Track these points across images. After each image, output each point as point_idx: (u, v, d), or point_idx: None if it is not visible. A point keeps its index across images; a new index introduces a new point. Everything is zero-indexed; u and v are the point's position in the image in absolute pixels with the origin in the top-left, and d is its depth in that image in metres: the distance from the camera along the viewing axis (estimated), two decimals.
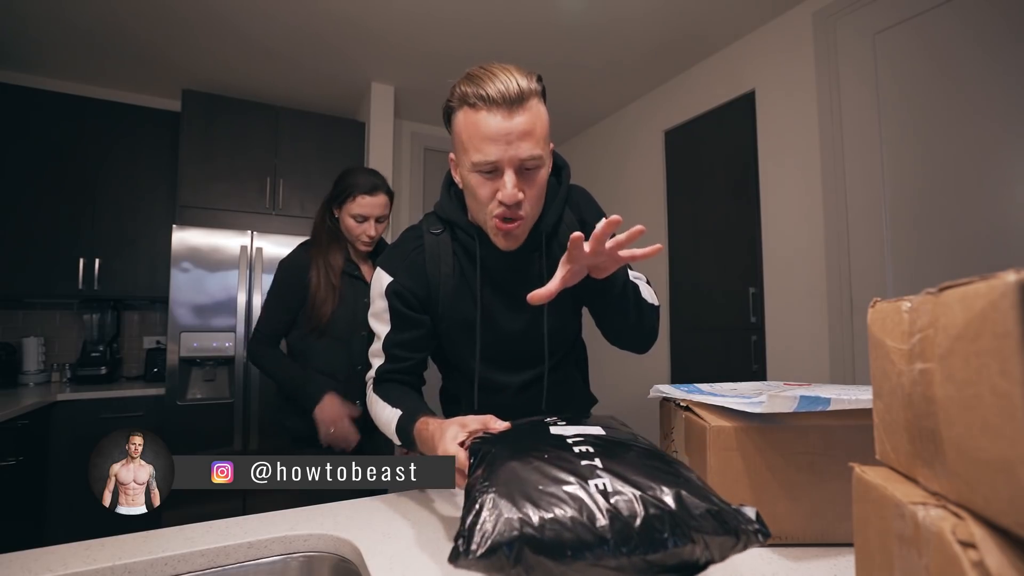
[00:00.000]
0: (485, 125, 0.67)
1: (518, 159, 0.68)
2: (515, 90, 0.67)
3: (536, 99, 0.70)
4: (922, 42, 1.71)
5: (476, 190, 0.72)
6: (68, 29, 2.24)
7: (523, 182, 0.71)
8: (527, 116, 0.68)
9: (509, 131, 0.67)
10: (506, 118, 0.67)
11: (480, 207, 0.74)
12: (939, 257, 1.66)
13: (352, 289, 1.38)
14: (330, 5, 2.10)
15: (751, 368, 2.23)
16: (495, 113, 0.67)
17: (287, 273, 1.36)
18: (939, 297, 0.29)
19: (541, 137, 0.70)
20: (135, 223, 2.56)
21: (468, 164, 0.71)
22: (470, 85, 0.69)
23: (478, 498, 0.43)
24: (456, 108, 0.72)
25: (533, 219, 0.77)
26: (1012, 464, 0.23)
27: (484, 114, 0.68)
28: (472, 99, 0.68)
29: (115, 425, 2.28)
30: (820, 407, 0.57)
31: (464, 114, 0.70)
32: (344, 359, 1.36)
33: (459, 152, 0.73)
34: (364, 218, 1.35)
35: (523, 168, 0.70)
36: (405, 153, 3.24)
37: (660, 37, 2.34)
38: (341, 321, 1.34)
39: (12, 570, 0.56)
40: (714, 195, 2.50)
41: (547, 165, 0.74)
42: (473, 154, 0.69)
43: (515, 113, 0.67)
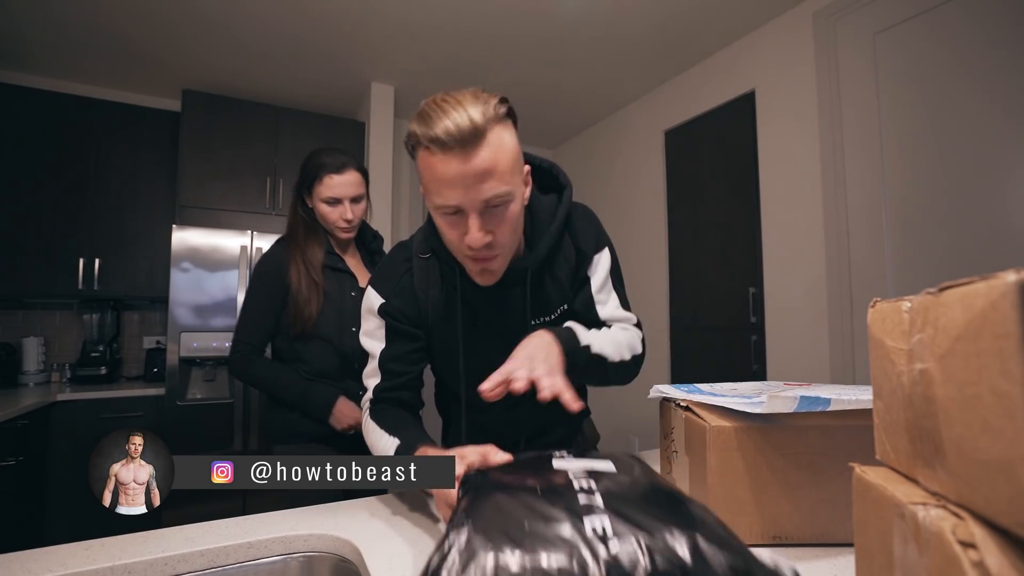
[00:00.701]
0: (441, 170, 0.62)
1: (480, 201, 0.64)
2: (467, 127, 0.60)
3: (497, 127, 0.64)
4: (922, 42, 1.71)
5: (445, 232, 0.70)
6: (68, 29, 2.24)
7: (491, 221, 0.66)
8: (486, 152, 0.62)
9: (466, 174, 0.62)
10: (462, 161, 0.61)
11: (452, 248, 0.72)
12: (939, 257, 1.66)
13: (337, 283, 1.27)
14: (330, 5, 2.10)
15: (751, 368, 2.23)
16: (449, 157, 0.61)
17: (264, 274, 1.24)
18: (939, 297, 0.29)
19: (506, 170, 0.64)
20: (135, 223, 2.56)
21: (432, 206, 0.68)
22: (421, 125, 0.63)
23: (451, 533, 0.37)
24: (415, 147, 0.66)
25: (511, 250, 0.72)
26: (1012, 464, 0.23)
27: (440, 157, 0.62)
28: (424, 141, 0.63)
29: (115, 425, 2.29)
30: (820, 407, 0.57)
31: (421, 155, 0.65)
32: (336, 359, 1.25)
33: (425, 191, 0.69)
34: (337, 200, 1.23)
35: (488, 208, 0.65)
36: (405, 153, 3.23)
37: (660, 37, 2.34)
38: (329, 319, 1.24)
39: (12, 570, 0.56)
40: (714, 195, 2.50)
41: (518, 197, 0.69)
42: (434, 198, 0.66)
43: (471, 153, 0.61)
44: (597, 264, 0.84)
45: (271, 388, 1.24)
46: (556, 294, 0.83)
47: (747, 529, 0.61)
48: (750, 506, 0.61)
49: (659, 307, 2.75)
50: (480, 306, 0.81)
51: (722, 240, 2.44)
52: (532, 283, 0.79)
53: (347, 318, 1.25)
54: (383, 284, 0.82)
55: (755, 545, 0.60)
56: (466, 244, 0.67)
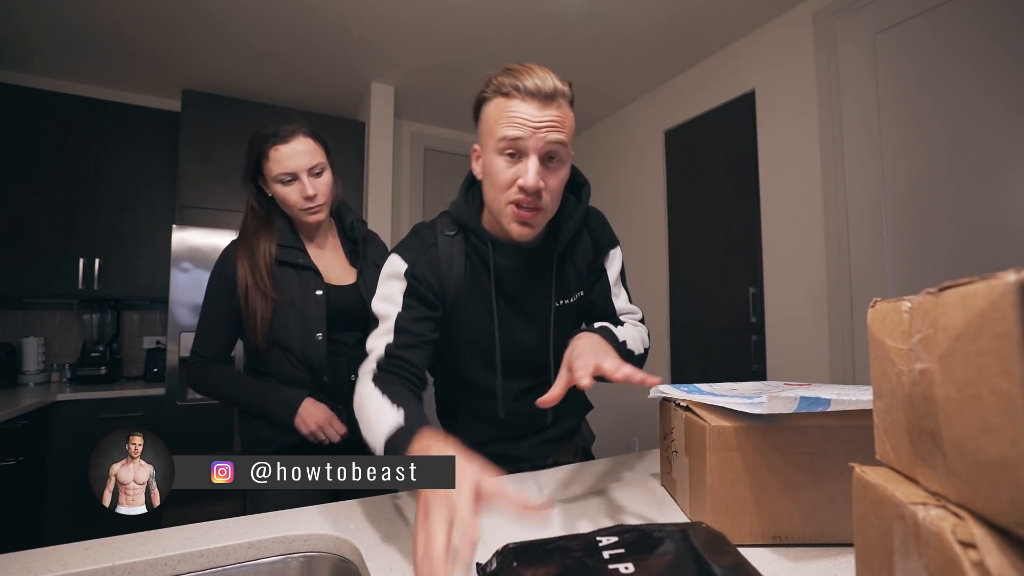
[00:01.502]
0: (517, 110, 0.70)
1: (544, 144, 0.70)
2: (550, 86, 0.70)
3: (566, 101, 0.73)
4: (922, 42, 1.71)
5: (497, 174, 0.72)
6: (68, 29, 2.24)
7: (546, 173, 0.72)
8: (557, 111, 0.71)
9: (539, 119, 0.69)
10: (538, 108, 0.70)
11: (498, 192, 0.73)
12: (939, 257, 1.66)
13: (297, 282, 1.07)
14: (330, 5, 2.10)
15: (751, 368, 2.23)
16: (528, 102, 0.70)
17: (214, 278, 1.09)
18: (939, 297, 0.29)
19: (566, 132, 0.72)
20: (135, 223, 2.56)
21: (493, 144, 0.72)
22: (507, 76, 0.71)
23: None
24: (489, 98, 0.73)
25: (550, 214, 0.77)
26: (1012, 464, 0.23)
27: (517, 101, 0.70)
28: (507, 88, 0.71)
29: (115, 425, 2.28)
30: (820, 408, 0.57)
31: (497, 101, 0.72)
32: (300, 371, 1.08)
33: (485, 136, 0.74)
34: (291, 176, 1.04)
35: (547, 157, 0.72)
36: (405, 153, 3.24)
37: (660, 37, 2.34)
38: (287, 325, 1.06)
39: (12, 570, 0.56)
40: (714, 195, 2.50)
41: (567, 164, 0.75)
42: (500, 131, 0.70)
43: (547, 106, 0.70)
44: (613, 259, 0.91)
45: (228, 396, 1.10)
46: (575, 279, 0.88)
47: (747, 529, 0.61)
48: (750, 506, 0.61)
49: (659, 307, 2.75)
50: (508, 282, 0.83)
51: (722, 240, 2.44)
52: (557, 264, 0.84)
53: (310, 323, 1.07)
54: (408, 252, 0.82)
55: (755, 545, 0.61)
56: (519, 185, 0.71)
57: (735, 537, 0.60)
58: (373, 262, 1.16)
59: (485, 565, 0.47)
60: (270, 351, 1.08)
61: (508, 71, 0.72)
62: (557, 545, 0.46)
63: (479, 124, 0.76)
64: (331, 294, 1.10)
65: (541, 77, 0.70)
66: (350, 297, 1.12)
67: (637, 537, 0.45)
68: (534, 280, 0.84)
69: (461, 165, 3.46)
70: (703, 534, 0.46)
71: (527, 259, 0.82)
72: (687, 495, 0.71)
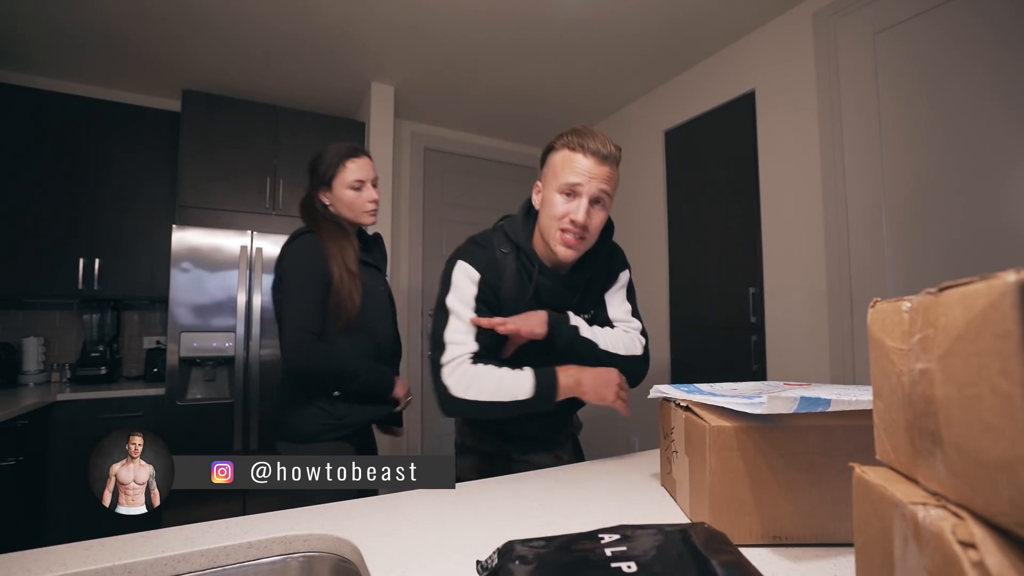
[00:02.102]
0: (580, 162, 0.92)
1: (595, 190, 0.92)
2: (607, 151, 0.93)
3: (615, 163, 0.95)
4: (922, 42, 1.71)
5: (555, 207, 0.94)
6: (68, 29, 2.24)
7: (592, 211, 0.94)
8: (609, 170, 0.93)
9: (595, 173, 0.92)
10: (597, 164, 0.92)
11: (553, 221, 0.95)
12: (939, 257, 1.66)
13: (369, 276, 1.29)
14: (330, 6, 2.10)
15: (751, 368, 2.23)
16: (589, 158, 0.92)
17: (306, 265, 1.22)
18: (939, 297, 0.29)
19: (612, 188, 0.95)
20: (135, 223, 2.56)
21: (556, 185, 0.94)
22: (576, 136, 0.93)
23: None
24: (558, 148, 0.95)
25: (590, 243, 0.98)
26: (1012, 464, 0.23)
27: (581, 156, 0.92)
28: (574, 144, 0.93)
29: (115, 425, 2.29)
30: (820, 408, 0.57)
31: (564, 153, 0.94)
32: (372, 350, 1.28)
33: (549, 178, 0.96)
34: (361, 183, 1.28)
35: (594, 200, 0.93)
36: (405, 153, 3.24)
37: (660, 37, 2.34)
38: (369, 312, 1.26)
39: (12, 570, 0.56)
40: (714, 195, 2.50)
41: (609, 208, 0.97)
42: (564, 177, 0.93)
43: (602, 164, 0.92)
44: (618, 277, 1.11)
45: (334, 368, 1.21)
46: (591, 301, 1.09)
47: (747, 529, 0.61)
48: (750, 506, 0.61)
49: (659, 307, 2.75)
50: (544, 296, 1.02)
51: (722, 240, 2.44)
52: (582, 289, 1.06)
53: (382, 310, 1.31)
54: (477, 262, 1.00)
55: (755, 545, 0.61)
56: (570, 219, 0.93)
57: (735, 537, 0.60)
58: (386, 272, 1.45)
59: (486, 562, 0.47)
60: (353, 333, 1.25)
61: (577, 132, 0.94)
62: (559, 543, 0.46)
63: (545, 167, 0.99)
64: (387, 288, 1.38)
65: (602, 142, 0.92)
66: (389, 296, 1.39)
67: (639, 536, 0.45)
68: (564, 298, 1.03)
69: (461, 165, 3.46)
70: (704, 534, 0.46)
71: (561, 281, 1.02)
72: (687, 495, 0.71)
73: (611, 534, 0.46)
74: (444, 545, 0.63)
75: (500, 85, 2.79)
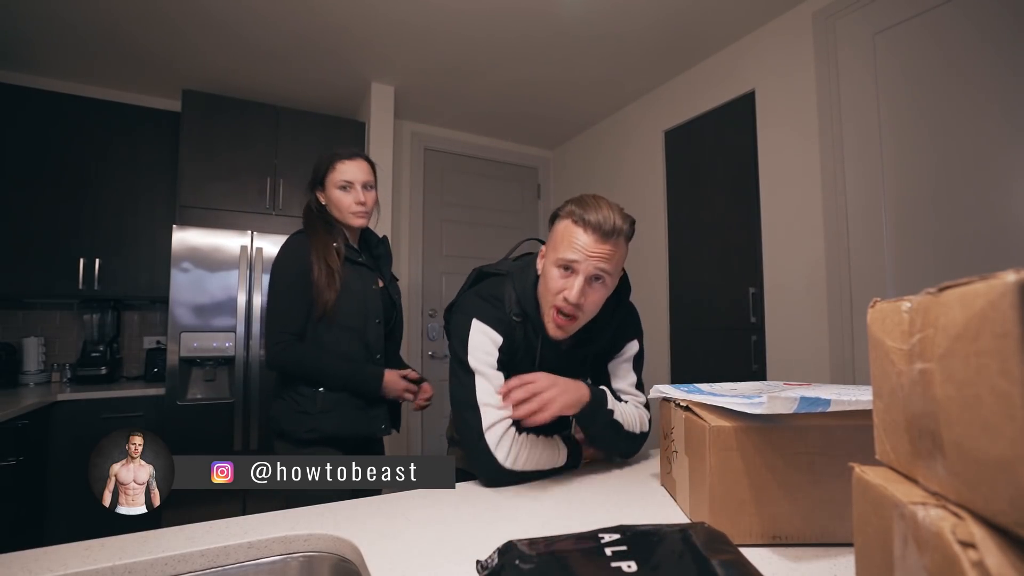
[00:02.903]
0: (579, 238, 0.85)
1: (592, 268, 0.85)
2: (610, 226, 0.84)
3: (623, 238, 0.87)
4: (922, 42, 1.71)
5: (551, 281, 0.88)
6: (68, 29, 2.24)
7: (589, 289, 0.87)
8: (611, 246, 0.85)
9: (594, 251, 0.84)
10: (597, 241, 0.84)
11: (549, 294, 0.90)
12: (939, 257, 1.66)
13: (358, 276, 1.31)
14: (330, 6, 2.10)
15: (751, 368, 2.23)
16: (589, 234, 0.84)
17: (291, 262, 1.26)
18: (939, 297, 0.29)
19: (616, 264, 0.87)
20: (135, 223, 2.56)
21: (554, 258, 0.88)
22: (580, 207, 0.86)
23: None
24: (562, 217, 0.89)
25: (584, 321, 0.91)
26: (1012, 464, 0.23)
27: (581, 231, 0.85)
28: (576, 217, 0.86)
29: (115, 425, 2.28)
30: (820, 408, 0.57)
31: (567, 223, 0.87)
32: (361, 348, 1.29)
33: (551, 248, 0.90)
34: (349, 184, 1.30)
35: (592, 278, 0.86)
36: (405, 153, 3.24)
37: (660, 37, 2.34)
38: (352, 310, 1.28)
39: (12, 570, 0.56)
40: (714, 195, 2.50)
41: (610, 286, 0.90)
42: (561, 252, 0.86)
43: (604, 240, 0.84)
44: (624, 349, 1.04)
45: (318, 369, 1.23)
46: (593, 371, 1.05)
47: (747, 529, 0.61)
48: (750, 506, 0.61)
49: (659, 307, 2.75)
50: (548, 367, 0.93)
51: (722, 240, 2.44)
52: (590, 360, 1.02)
53: (371, 309, 1.30)
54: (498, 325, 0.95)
55: (755, 545, 0.61)
56: (563, 296, 0.86)
57: (735, 537, 0.60)
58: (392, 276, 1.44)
59: (486, 562, 0.47)
60: (336, 329, 1.26)
61: (581, 201, 0.87)
62: (559, 543, 0.46)
63: (550, 234, 0.93)
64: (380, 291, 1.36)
65: (606, 216, 0.84)
66: (386, 297, 1.37)
67: (639, 536, 0.45)
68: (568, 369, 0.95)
69: (461, 165, 3.46)
70: (704, 534, 0.46)
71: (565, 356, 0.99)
72: (687, 495, 0.71)
73: (611, 534, 0.46)
74: (444, 545, 0.63)
75: (500, 85, 2.79)
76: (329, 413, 1.24)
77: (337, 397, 1.25)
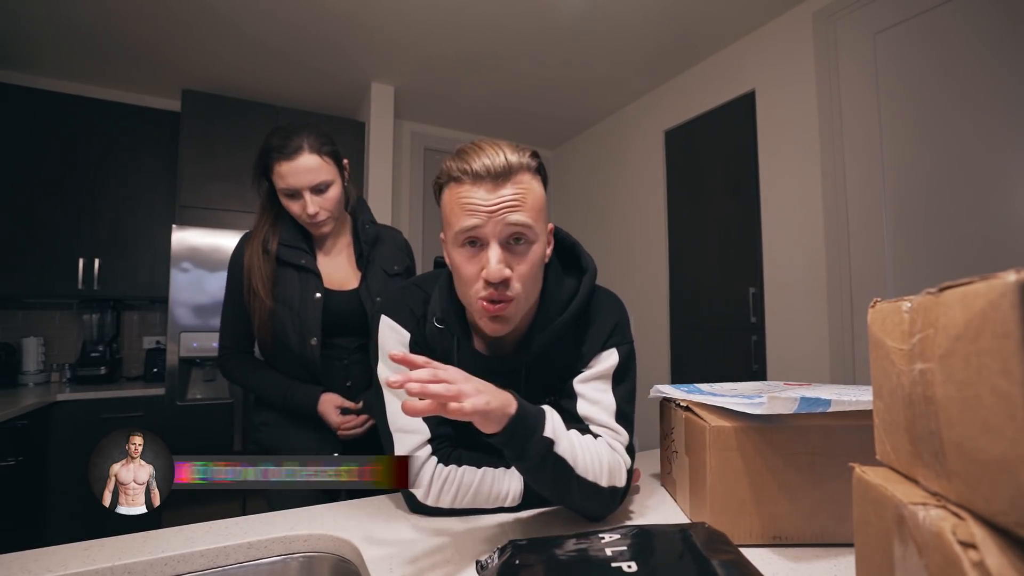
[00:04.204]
0: (468, 197, 0.64)
1: (503, 228, 0.63)
2: (501, 164, 0.63)
3: (528, 174, 0.66)
4: (922, 42, 1.71)
5: (461, 268, 0.66)
6: (68, 29, 2.24)
7: (511, 258, 0.65)
8: (514, 189, 0.64)
9: (492, 203, 0.63)
10: (490, 190, 0.63)
11: (466, 288, 0.67)
12: (939, 257, 1.66)
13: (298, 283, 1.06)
14: (330, 5, 2.10)
15: (751, 368, 2.23)
16: (479, 186, 0.63)
17: (230, 270, 1.11)
18: (939, 297, 0.29)
19: (532, 209, 0.65)
20: (135, 223, 2.56)
21: (452, 237, 0.66)
22: (456, 160, 0.66)
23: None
24: (444, 184, 0.68)
25: (526, 300, 0.68)
26: (1012, 464, 0.23)
27: (468, 187, 0.64)
28: (456, 173, 0.65)
29: (115, 425, 2.27)
30: (820, 408, 0.57)
31: (450, 189, 0.66)
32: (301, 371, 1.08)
33: (446, 228, 0.68)
34: (293, 192, 1.01)
35: (510, 241, 0.65)
36: (405, 153, 3.24)
37: (660, 37, 2.34)
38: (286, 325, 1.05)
39: (12, 570, 0.56)
40: (714, 195, 2.50)
41: (541, 241, 0.67)
42: (455, 224, 0.65)
43: (501, 184, 0.63)
44: (604, 357, 0.75)
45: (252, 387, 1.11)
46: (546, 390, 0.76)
47: (747, 529, 0.61)
48: (750, 506, 0.61)
49: (659, 307, 2.75)
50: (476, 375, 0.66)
51: (722, 240, 2.44)
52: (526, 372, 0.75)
53: (306, 326, 1.05)
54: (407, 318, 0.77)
55: (755, 545, 0.61)
56: (483, 277, 0.64)
57: (735, 537, 0.60)
58: (381, 267, 1.15)
59: (486, 562, 0.47)
60: (274, 349, 1.09)
61: (458, 154, 0.66)
62: (559, 543, 0.46)
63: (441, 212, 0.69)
64: (330, 298, 1.08)
65: (491, 155, 0.64)
66: (351, 302, 1.10)
67: (640, 536, 0.45)
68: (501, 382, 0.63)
69: None
70: (704, 534, 0.46)
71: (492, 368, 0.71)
72: (687, 495, 0.71)
73: (611, 534, 0.46)
74: (444, 545, 0.63)
75: (500, 85, 2.79)
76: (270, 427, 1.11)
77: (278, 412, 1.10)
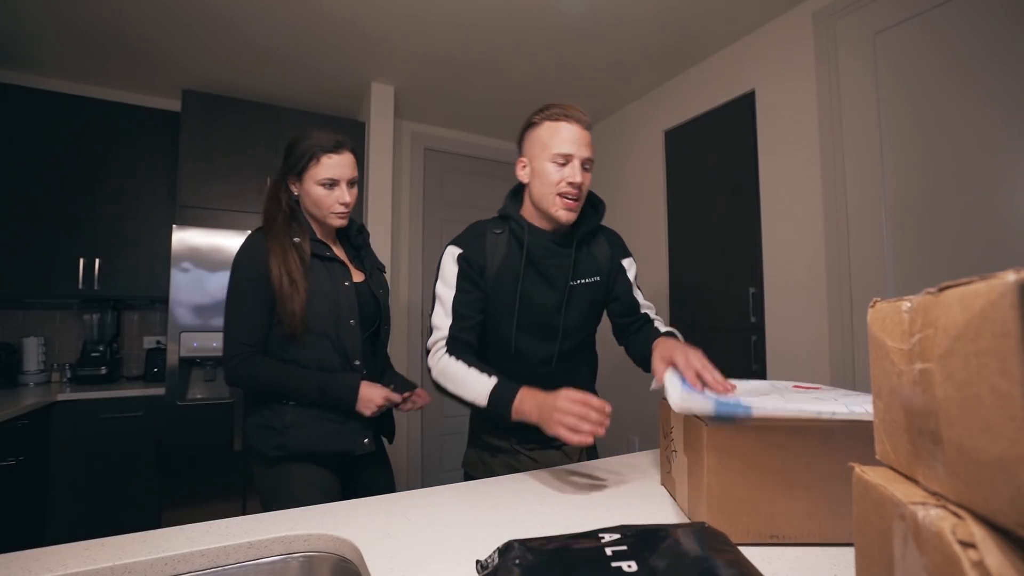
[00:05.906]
0: (567, 130, 1.00)
1: (584, 154, 1.00)
2: (586, 119, 1.02)
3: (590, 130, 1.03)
4: (922, 42, 1.71)
5: (549, 176, 1.00)
6: (68, 29, 2.24)
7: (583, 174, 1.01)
8: (590, 136, 1.02)
9: (580, 139, 1.00)
10: (581, 130, 1.00)
11: (549, 189, 1.01)
12: (939, 257, 1.66)
13: (328, 274, 1.15)
14: (330, 5, 2.10)
15: (751, 368, 2.23)
16: (573, 125, 1.00)
17: (247, 268, 1.12)
18: (939, 297, 0.29)
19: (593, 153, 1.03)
20: (135, 223, 2.56)
21: (547, 155, 1.00)
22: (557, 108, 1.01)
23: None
24: (539, 122, 1.02)
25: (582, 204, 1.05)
26: (1012, 464, 0.23)
27: (565, 124, 1.00)
28: (556, 115, 1.00)
29: (115, 425, 2.29)
30: (742, 413, 0.61)
31: (547, 124, 1.01)
32: (335, 356, 1.14)
33: (538, 149, 1.02)
34: (334, 182, 1.13)
35: (586, 162, 1.01)
36: (405, 153, 3.24)
37: (660, 37, 2.34)
38: (323, 314, 1.12)
39: (12, 570, 0.56)
40: (714, 195, 2.50)
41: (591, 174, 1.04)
42: (555, 147, 0.99)
43: (584, 131, 1.01)
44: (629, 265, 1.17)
45: (282, 386, 1.10)
46: (591, 266, 1.12)
47: (745, 528, 0.61)
48: (748, 505, 0.61)
49: (659, 307, 2.75)
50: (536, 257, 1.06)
51: (722, 240, 2.44)
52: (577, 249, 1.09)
53: (343, 311, 1.14)
54: (462, 240, 1.08)
55: (754, 544, 0.61)
56: (567, 181, 0.99)
57: (734, 536, 0.60)
58: (373, 264, 1.30)
59: (486, 562, 0.47)
60: (304, 338, 1.12)
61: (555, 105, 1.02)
62: (559, 543, 0.46)
63: (528, 142, 1.05)
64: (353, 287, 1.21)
65: (580, 112, 1.01)
66: (364, 293, 1.23)
67: (639, 536, 0.45)
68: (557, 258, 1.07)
69: (461, 165, 3.46)
70: (704, 533, 0.46)
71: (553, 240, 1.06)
72: (686, 494, 0.71)
73: (611, 534, 0.46)
74: (444, 545, 0.63)
75: (500, 85, 2.79)
76: (297, 428, 1.10)
77: (308, 410, 1.11)
